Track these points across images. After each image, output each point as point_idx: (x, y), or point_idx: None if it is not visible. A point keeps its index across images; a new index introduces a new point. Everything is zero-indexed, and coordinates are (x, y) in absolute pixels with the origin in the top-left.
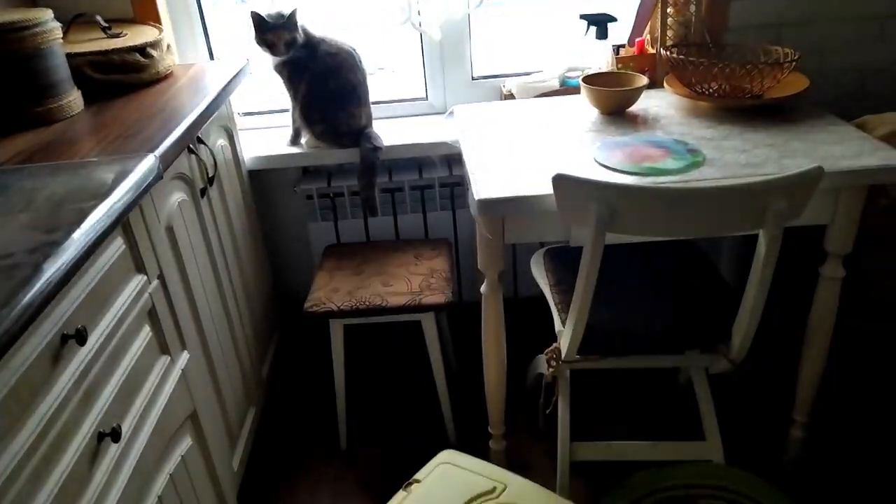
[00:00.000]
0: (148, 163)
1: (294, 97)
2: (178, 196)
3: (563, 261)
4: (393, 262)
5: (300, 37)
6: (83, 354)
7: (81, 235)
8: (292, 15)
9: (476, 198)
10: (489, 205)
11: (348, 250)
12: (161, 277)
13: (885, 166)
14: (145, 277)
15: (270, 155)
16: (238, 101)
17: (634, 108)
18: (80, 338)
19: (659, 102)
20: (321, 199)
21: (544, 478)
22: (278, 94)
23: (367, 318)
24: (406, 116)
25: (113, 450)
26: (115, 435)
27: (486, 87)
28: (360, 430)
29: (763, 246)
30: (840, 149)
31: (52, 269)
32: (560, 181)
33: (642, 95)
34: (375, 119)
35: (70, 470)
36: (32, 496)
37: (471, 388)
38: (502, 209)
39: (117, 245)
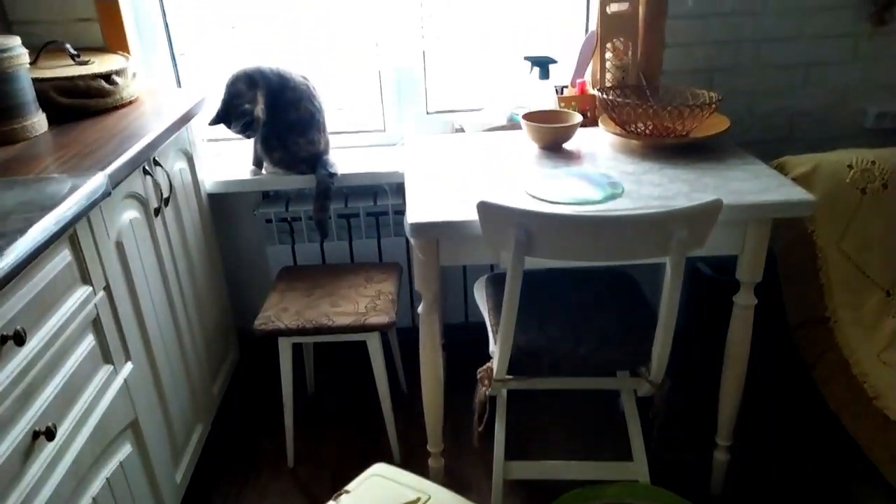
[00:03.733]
0: (97, 180)
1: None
2: (130, 214)
3: (502, 286)
4: (344, 283)
5: (260, 114)
6: (22, 355)
7: (25, 243)
8: (250, 112)
9: (408, 221)
10: (420, 228)
11: (302, 272)
12: (107, 289)
13: (785, 202)
14: (90, 289)
15: (230, 180)
16: (203, 127)
17: (571, 145)
18: (19, 339)
19: (594, 140)
20: (279, 223)
21: (482, 496)
22: None
23: (313, 337)
24: (364, 147)
25: (48, 448)
26: (50, 434)
27: (440, 121)
28: (308, 448)
29: (669, 271)
30: (749, 185)
31: None
32: (483, 208)
33: (581, 133)
34: (335, 148)
35: (2, 462)
36: None
37: (418, 410)
38: (433, 233)
39: (63, 256)
